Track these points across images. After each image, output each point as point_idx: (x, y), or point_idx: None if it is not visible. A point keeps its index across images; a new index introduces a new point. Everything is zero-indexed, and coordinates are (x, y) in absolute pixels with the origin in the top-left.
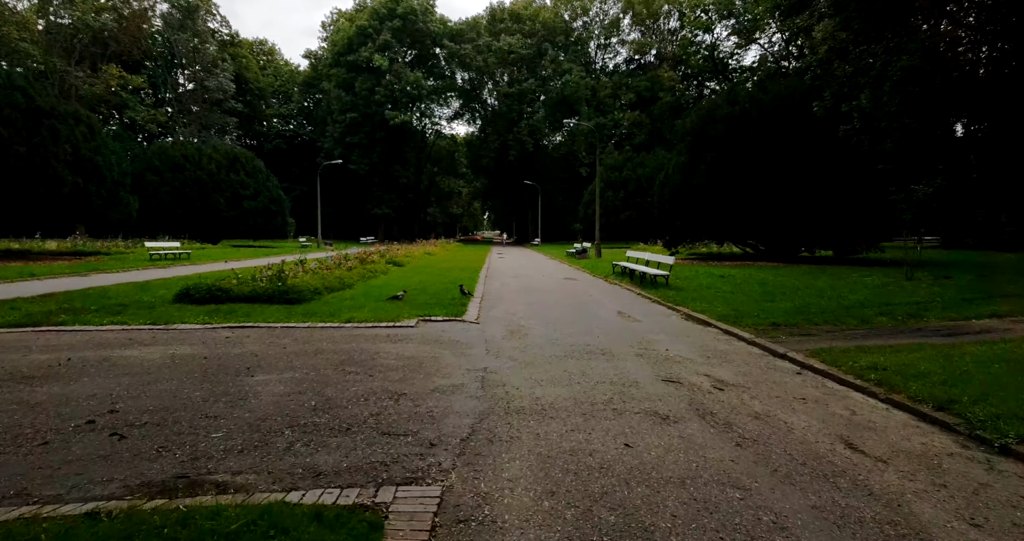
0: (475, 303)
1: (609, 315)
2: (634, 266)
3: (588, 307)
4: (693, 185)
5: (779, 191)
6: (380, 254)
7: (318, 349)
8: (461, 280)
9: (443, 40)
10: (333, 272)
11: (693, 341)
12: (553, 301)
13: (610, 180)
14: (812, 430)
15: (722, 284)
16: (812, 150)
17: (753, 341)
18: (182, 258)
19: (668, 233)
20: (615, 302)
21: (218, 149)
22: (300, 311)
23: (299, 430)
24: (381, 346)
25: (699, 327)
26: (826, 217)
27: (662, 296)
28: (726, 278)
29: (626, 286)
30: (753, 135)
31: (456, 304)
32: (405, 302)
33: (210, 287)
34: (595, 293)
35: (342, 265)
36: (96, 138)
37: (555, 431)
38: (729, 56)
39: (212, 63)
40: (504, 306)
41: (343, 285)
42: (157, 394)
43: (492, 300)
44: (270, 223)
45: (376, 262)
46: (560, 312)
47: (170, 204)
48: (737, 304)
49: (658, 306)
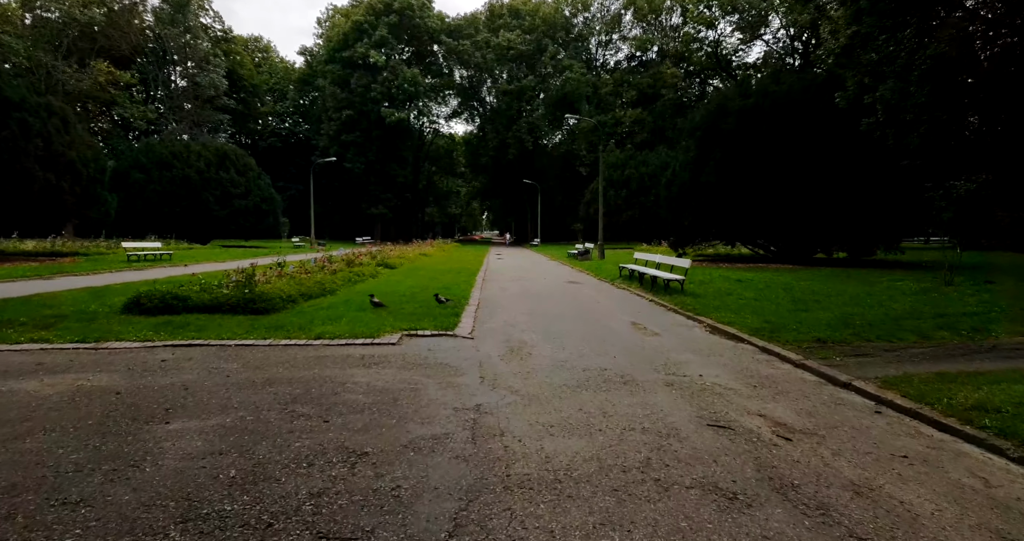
0: (470, 312)
1: (622, 327)
2: (643, 269)
3: (597, 317)
4: (702, 183)
5: (794, 189)
6: (371, 255)
7: (270, 378)
8: (456, 284)
9: (441, 36)
10: (314, 276)
11: (729, 363)
12: (557, 310)
13: (612, 179)
14: (948, 521)
15: (742, 289)
16: (829, 145)
17: (802, 363)
18: (163, 259)
19: (674, 233)
20: (627, 311)
21: (207, 146)
22: (266, 323)
23: (193, 529)
24: (351, 373)
25: (730, 343)
26: (844, 216)
27: (679, 304)
28: (744, 282)
29: (636, 291)
30: (767, 129)
31: (447, 314)
32: (390, 312)
33: (165, 295)
34: (603, 300)
35: (326, 268)
36: (71, 132)
37: (577, 527)
38: (732, 53)
39: (204, 59)
40: (502, 315)
41: (323, 291)
42: (12, 460)
43: (489, 308)
44: (262, 223)
45: (365, 264)
46: (566, 324)
47: (158, 203)
48: (767, 314)
49: (676, 316)
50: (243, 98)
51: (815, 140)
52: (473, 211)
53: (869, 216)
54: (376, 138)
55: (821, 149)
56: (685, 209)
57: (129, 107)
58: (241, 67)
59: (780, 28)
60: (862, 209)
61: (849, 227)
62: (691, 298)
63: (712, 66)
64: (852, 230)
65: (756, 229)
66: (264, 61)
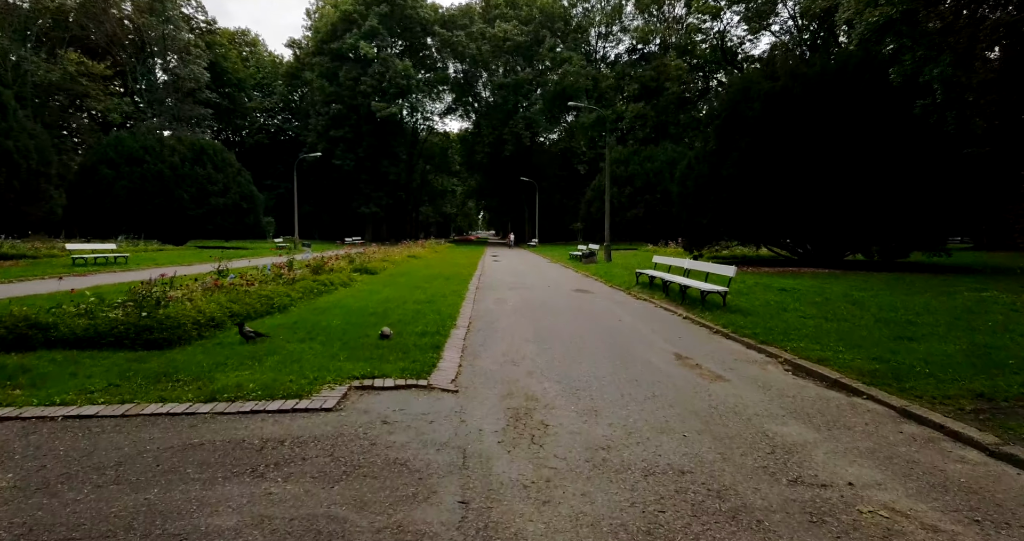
0: (456, 341)
1: (668, 364)
2: (668, 276)
3: (627, 344)
4: (723, 176)
5: (828, 182)
6: (348, 259)
7: (34, 523)
8: (444, 295)
9: (434, 27)
10: (261, 288)
11: (875, 448)
12: (571, 332)
13: (615, 175)
14: None
15: (796, 302)
16: (871, 132)
17: (998, 450)
18: (118, 262)
19: (688, 233)
20: (661, 333)
21: (182, 140)
22: (152, 368)
23: None
24: (222, 495)
25: (841, 398)
26: (884, 213)
27: (727, 324)
28: (792, 293)
29: (662, 303)
30: (797, 115)
31: (426, 346)
32: (346, 342)
33: (18, 322)
34: (626, 316)
35: (283, 276)
36: (8, 119)
37: None
38: (738, 45)
39: (184, 49)
40: (501, 343)
41: (269, 309)
42: None
43: (483, 331)
44: (240, 222)
45: (339, 270)
46: (589, 358)
47: (127, 201)
48: (861, 342)
49: (731, 343)
50: (229, 93)
51: (854, 127)
52: (469, 211)
53: (914, 213)
54: (366, 133)
55: (861, 137)
56: (702, 206)
57: (103, 99)
58: (226, 60)
59: (789, 18)
60: (906, 205)
61: (889, 225)
62: (740, 316)
63: (717, 59)
64: (892, 229)
65: (784, 227)
66: (252, 56)
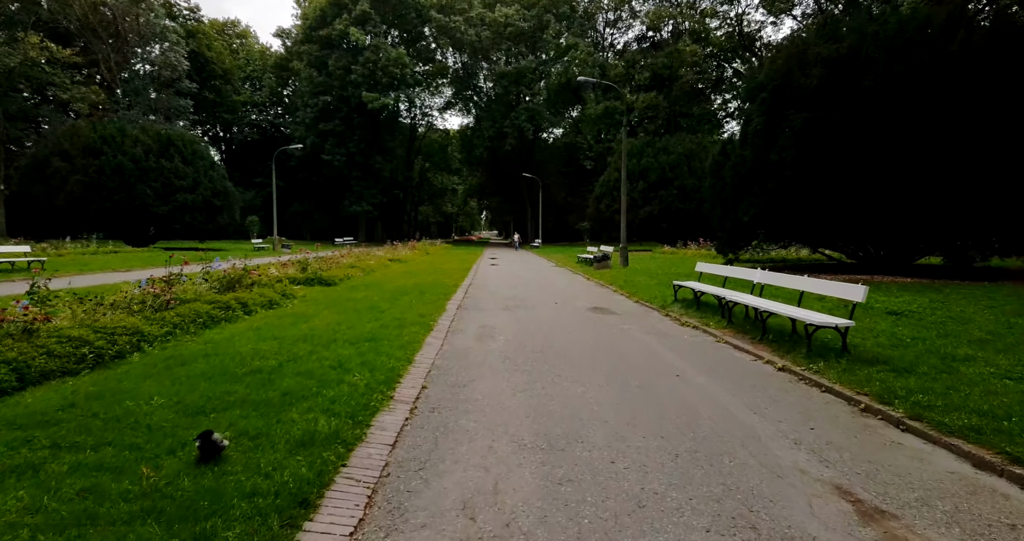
0: (350, 482)
1: (836, 531)
2: (736, 296)
3: (721, 453)
4: (771, 162)
5: (910, 169)
6: (302, 264)
7: None
8: (403, 324)
9: (430, 12)
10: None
11: None
12: (601, 401)
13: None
14: None
15: (940, 338)
16: (972, 106)
17: None
18: (31, 268)
19: (725, 232)
20: (762, 409)
21: (147, 130)
22: None
23: None
24: None
25: None
26: (982, 208)
27: (882, 395)
28: (908, 318)
29: (730, 337)
30: (869, 85)
31: (271, 509)
32: (93, 487)
33: None
34: (688, 369)
35: (159, 298)
36: None
37: None
38: (757, 31)
39: (161, 35)
40: (460, 473)
41: (71, 365)
42: None
43: (432, 427)
44: (212, 220)
45: (269, 284)
46: (657, 508)
47: (83, 197)
48: None
49: (936, 453)
50: (215, 85)
51: (949, 99)
52: (471, 210)
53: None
54: (358, 127)
55: (958, 112)
56: (745, 199)
57: (70, 88)
58: (210, 49)
59: (813, 2)
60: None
61: (985, 223)
62: (888, 372)
63: (734, 46)
64: (991, 226)
65: (848, 224)
66: (242, 48)
